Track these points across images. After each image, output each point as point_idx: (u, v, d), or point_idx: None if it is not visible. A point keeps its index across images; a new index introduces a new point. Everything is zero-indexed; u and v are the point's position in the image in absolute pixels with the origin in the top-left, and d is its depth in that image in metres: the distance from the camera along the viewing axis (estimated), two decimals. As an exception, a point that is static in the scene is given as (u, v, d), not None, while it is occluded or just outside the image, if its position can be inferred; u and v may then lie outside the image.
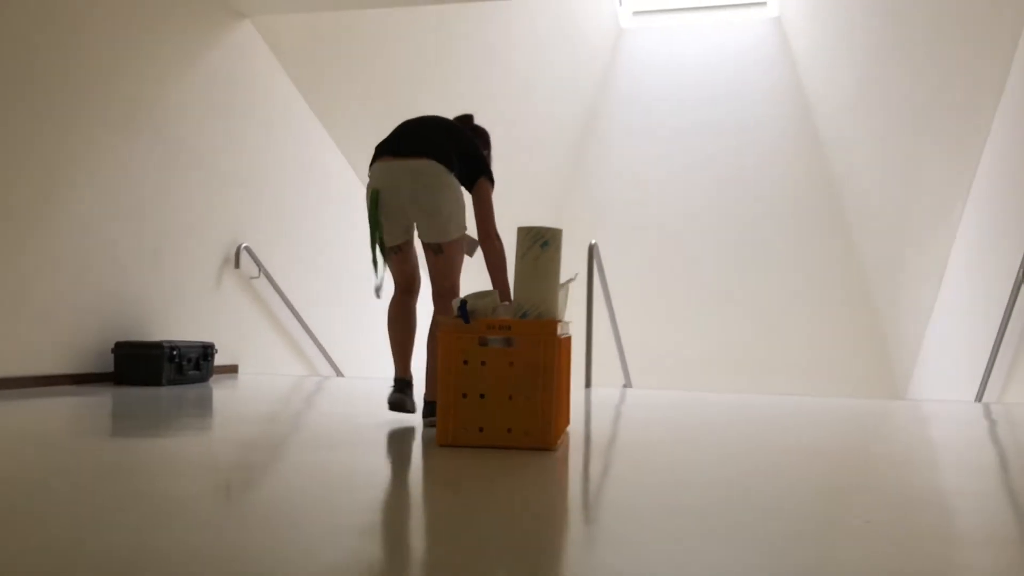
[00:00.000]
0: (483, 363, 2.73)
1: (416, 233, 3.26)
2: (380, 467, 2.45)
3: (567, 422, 3.17)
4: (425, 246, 3.24)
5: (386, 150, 3.21)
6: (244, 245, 6.30)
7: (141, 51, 5.35)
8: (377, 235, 3.19)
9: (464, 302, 2.78)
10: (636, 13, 12.14)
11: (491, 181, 3.37)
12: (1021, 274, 5.14)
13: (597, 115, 12.14)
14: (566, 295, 3.02)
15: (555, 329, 2.72)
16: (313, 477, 2.23)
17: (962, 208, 6.66)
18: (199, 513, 1.79)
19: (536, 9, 9.52)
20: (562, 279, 2.96)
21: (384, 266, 3.24)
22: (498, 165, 4.10)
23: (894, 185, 8.71)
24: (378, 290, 3.24)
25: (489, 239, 3.27)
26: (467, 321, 2.75)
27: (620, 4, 11.80)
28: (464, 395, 2.74)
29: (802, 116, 11.31)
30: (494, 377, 2.72)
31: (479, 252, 3.36)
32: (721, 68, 11.74)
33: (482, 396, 2.72)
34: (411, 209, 3.16)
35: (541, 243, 2.81)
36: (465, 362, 2.74)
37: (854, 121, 9.62)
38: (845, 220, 10.95)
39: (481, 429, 2.73)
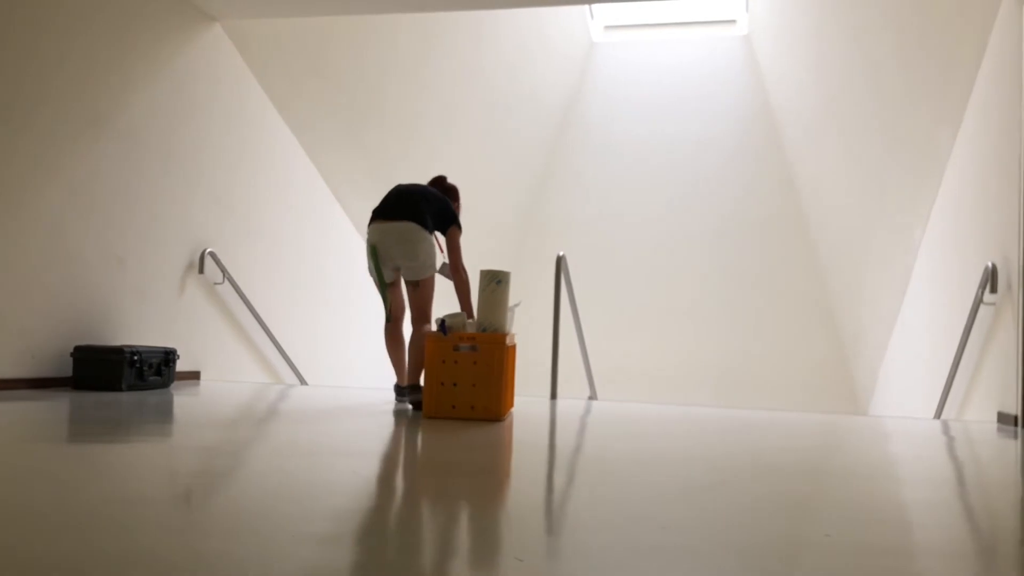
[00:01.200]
0: (456, 362, 3.94)
1: (401, 273, 4.48)
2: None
3: (512, 404, 4.39)
4: (407, 282, 4.46)
5: (379, 215, 4.44)
6: (209, 250, 6.23)
7: (109, 52, 5.29)
8: (380, 279, 4.45)
9: (443, 320, 3.96)
10: (607, 27, 12.23)
11: (459, 228, 4.55)
12: (980, 294, 5.23)
13: (568, 127, 12.19)
14: (512, 316, 4.20)
15: (504, 340, 3.95)
16: (276, 484, 2.20)
17: (923, 228, 6.77)
18: (160, 520, 1.76)
19: (509, 21, 9.55)
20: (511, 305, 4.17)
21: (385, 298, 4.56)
22: (471, 176, 4.75)
23: (858, 203, 8.83)
24: (388, 316, 4.60)
25: (457, 272, 4.49)
26: (445, 333, 3.95)
27: (592, 18, 11.87)
28: (442, 383, 3.95)
29: (769, 133, 11.44)
30: (463, 372, 3.93)
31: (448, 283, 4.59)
32: (690, 83, 11.86)
33: (455, 384, 3.93)
34: (397, 258, 4.37)
35: (496, 281, 4.05)
36: (443, 361, 3.95)
37: (820, 139, 9.75)
38: (810, 237, 11.08)
39: (454, 406, 3.93)
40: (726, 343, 11.33)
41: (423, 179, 4.92)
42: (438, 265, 4.55)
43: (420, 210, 4.36)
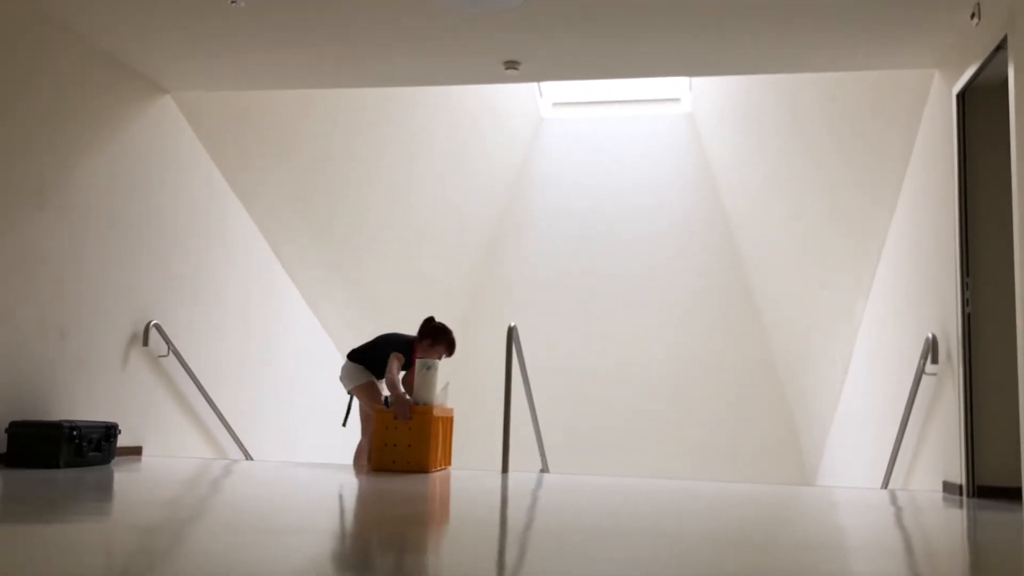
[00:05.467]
0: (396, 428, 5.15)
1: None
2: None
3: (449, 462, 5.54)
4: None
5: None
6: (154, 322, 6.12)
7: (55, 120, 5.25)
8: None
9: (387, 398, 5.26)
10: (556, 104, 12.50)
11: (397, 353, 5.42)
12: (921, 364, 5.35)
13: (518, 199, 12.34)
14: (445, 393, 5.37)
15: (432, 411, 5.15)
16: (219, 564, 2.13)
17: (865, 301, 6.94)
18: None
19: (460, 97, 9.72)
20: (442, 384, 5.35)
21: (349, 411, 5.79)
22: (421, 244, 4.55)
23: (801, 277, 9.04)
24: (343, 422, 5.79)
25: (388, 371, 5.35)
26: (388, 407, 5.22)
27: (540, 95, 12.14)
28: (386, 444, 5.16)
29: (713, 207, 11.71)
30: (401, 435, 5.14)
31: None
32: (636, 158, 12.13)
33: (395, 445, 5.14)
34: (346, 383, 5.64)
35: (428, 367, 5.24)
36: (387, 427, 5.16)
37: (762, 213, 10.00)
38: (756, 308, 11.28)
39: (394, 461, 5.13)
40: (675, 414, 11.37)
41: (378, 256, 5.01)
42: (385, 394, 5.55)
43: (363, 355, 5.57)
